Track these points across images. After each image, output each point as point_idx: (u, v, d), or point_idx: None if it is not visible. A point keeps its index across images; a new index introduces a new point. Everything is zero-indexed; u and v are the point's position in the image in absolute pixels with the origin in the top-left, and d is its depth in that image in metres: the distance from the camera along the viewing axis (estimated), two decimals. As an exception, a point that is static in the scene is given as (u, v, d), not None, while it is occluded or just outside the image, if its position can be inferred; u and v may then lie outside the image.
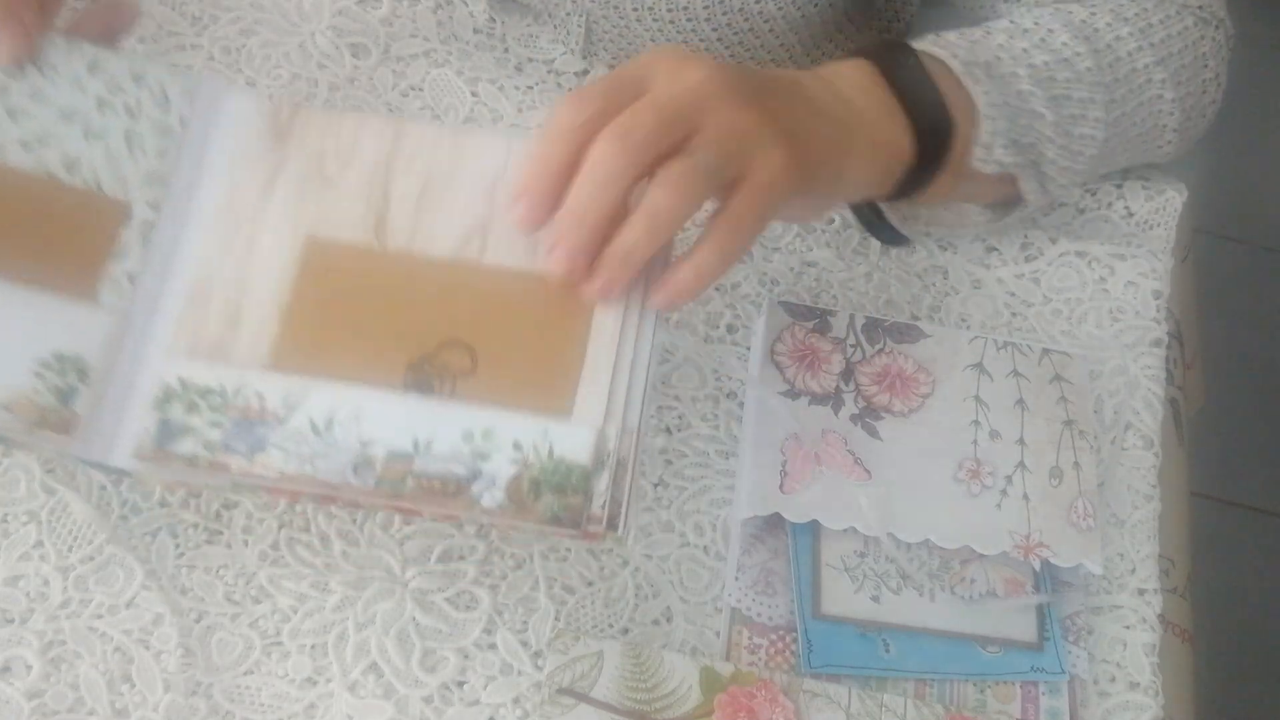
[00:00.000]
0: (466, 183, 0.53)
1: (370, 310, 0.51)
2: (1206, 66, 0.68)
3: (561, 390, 0.49)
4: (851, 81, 0.56)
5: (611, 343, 0.50)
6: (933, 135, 0.58)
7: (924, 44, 0.60)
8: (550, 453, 0.48)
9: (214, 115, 0.54)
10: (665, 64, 0.49)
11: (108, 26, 0.56)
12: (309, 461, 0.48)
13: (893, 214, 0.65)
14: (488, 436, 0.48)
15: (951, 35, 0.62)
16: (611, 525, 0.48)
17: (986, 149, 0.60)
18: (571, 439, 0.48)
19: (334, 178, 0.53)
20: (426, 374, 0.49)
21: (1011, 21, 0.64)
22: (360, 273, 0.51)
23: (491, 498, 0.47)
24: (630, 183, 0.48)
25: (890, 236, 0.66)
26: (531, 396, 0.49)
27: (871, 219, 0.66)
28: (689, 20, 0.69)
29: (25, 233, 0.51)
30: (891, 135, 0.57)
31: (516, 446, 0.48)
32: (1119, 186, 0.73)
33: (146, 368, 0.50)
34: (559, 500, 0.47)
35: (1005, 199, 0.66)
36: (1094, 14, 0.65)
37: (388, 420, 0.49)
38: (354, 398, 0.49)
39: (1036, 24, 0.63)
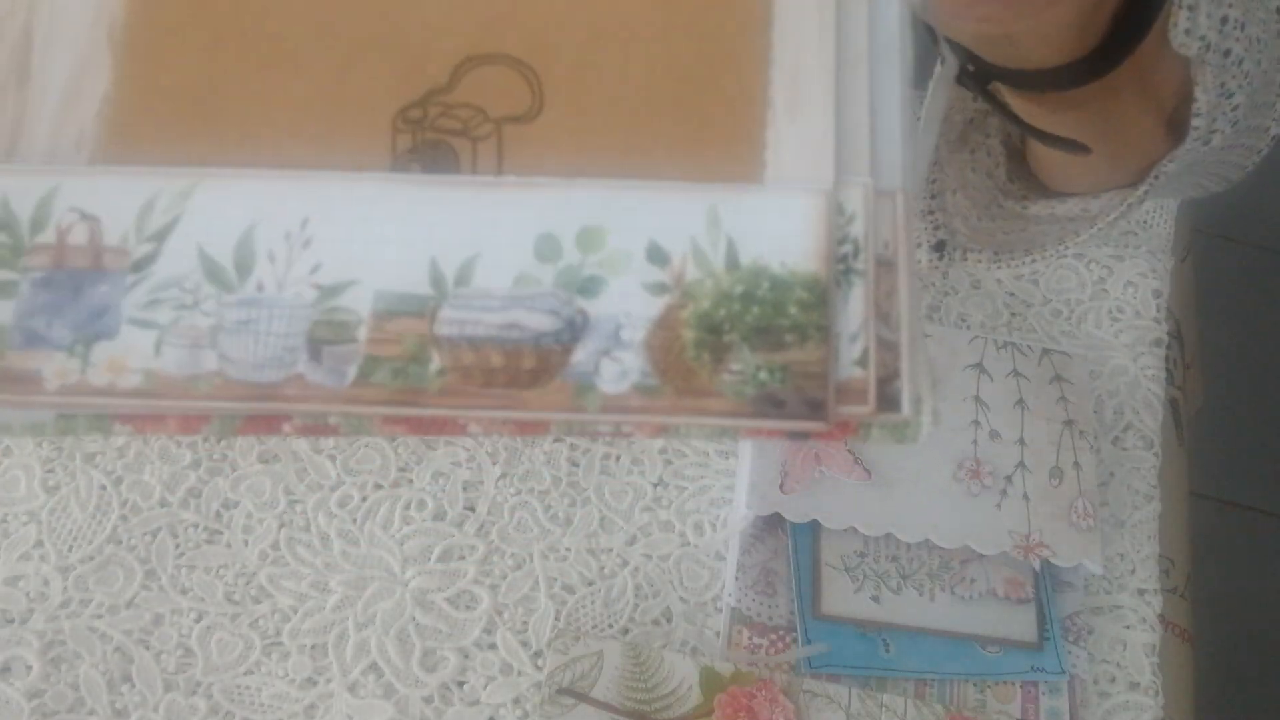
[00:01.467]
0: None
1: (291, 24, 0.26)
2: None
3: (733, 126, 0.25)
4: None
5: (822, 28, 0.26)
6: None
7: None
8: (731, 256, 0.24)
9: None
10: None
11: None
12: (210, 343, 0.24)
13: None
14: (591, 242, 0.25)
15: None
16: (889, 400, 0.24)
17: (1193, 12, 0.45)
18: (773, 223, 0.25)
19: None
20: (439, 131, 0.26)
21: None
22: None
23: (617, 371, 0.24)
24: None
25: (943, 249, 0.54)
26: (669, 148, 0.25)
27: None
28: None
29: None
30: None
31: (657, 253, 0.25)
32: (1119, 186, 0.73)
33: None
34: (773, 356, 0.24)
35: (1135, 162, 0.53)
36: None
37: (369, 235, 0.25)
38: (292, 196, 0.25)
39: None
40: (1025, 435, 0.62)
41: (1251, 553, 1.59)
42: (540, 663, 0.56)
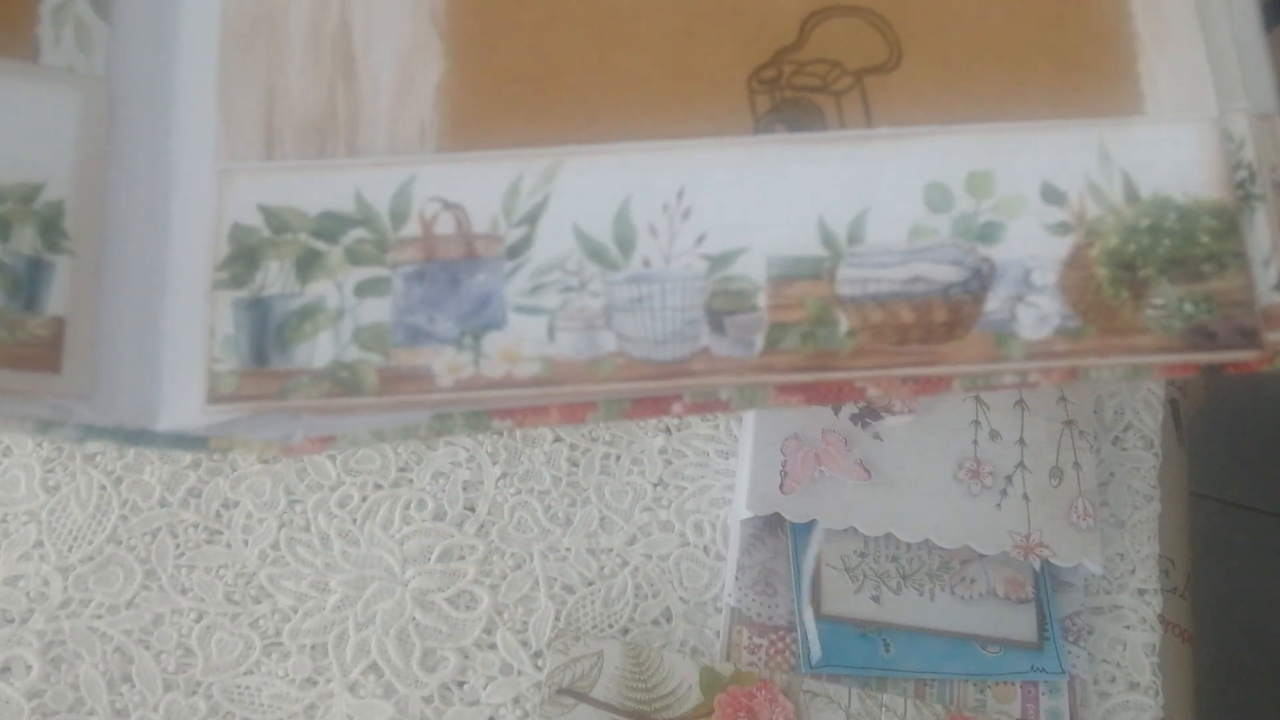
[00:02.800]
0: None
1: None
2: None
3: (1105, 61, 0.24)
4: None
5: None
6: None
7: None
8: (1130, 190, 0.23)
9: None
10: None
11: None
12: (604, 324, 0.23)
13: None
14: (982, 187, 0.24)
15: None
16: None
17: None
18: (1167, 154, 0.24)
19: None
20: (797, 89, 0.25)
21: None
22: None
23: (1036, 316, 0.23)
24: None
25: None
26: (1041, 87, 0.24)
27: None
28: None
29: None
30: None
31: (1051, 193, 0.24)
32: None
33: (185, 194, 0.23)
34: (1196, 289, 0.23)
35: None
36: None
37: (748, 199, 0.24)
38: (661, 167, 0.24)
39: None
40: (1025, 435, 0.62)
41: (1251, 553, 1.59)
42: (540, 663, 0.56)
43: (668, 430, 0.62)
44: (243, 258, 0.22)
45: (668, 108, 0.24)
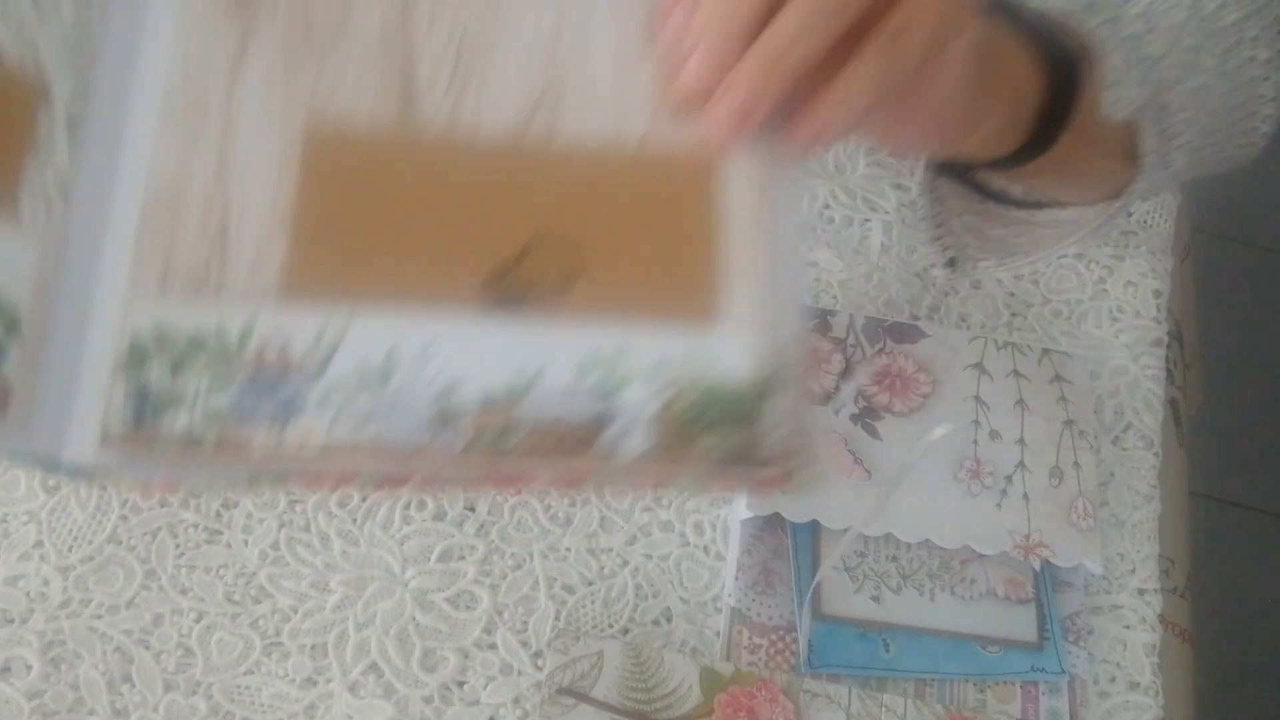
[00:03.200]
0: (514, 39, 0.41)
1: (415, 210, 0.38)
2: None
3: (700, 290, 0.38)
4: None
5: (752, 219, 0.38)
6: (1061, 74, 0.51)
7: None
8: (702, 373, 0.37)
9: None
10: None
11: None
12: (366, 423, 0.35)
13: (983, 222, 0.59)
14: (616, 361, 0.36)
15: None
16: (792, 468, 0.36)
17: (1116, 88, 0.51)
18: (727, 353, 0.37)
19: (328, 44, 0.40)
20: (514, 285, 0.37)
21: None
22: (389, 164, 0.39)
23: (633, 442, 0.35)
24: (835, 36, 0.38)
25: (954, 256, 0.60)
26: (663, 302, 0.37)
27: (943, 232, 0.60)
28: None
29: None
30: (1022, 70, 0.50)
31: (657, 370, 0.36)
32: (1119, 186, 0.73)
33: (102, 312, 0.36)
34: (726, 436, 0.36)
35: (1109, 189, 0.58)
36: None
37: (471, 354, 0.36)
38: (418, 327, 0.36)
39: None
40: (1025, 435, 0.62)
41: (1251, 553, 1.59)
42: (540, 663, 0.56)
43: (668, 430, 0.62)
44: (136, 356, 0.36)
45: (431, 284, 0.37)
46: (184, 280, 0.37)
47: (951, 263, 0.61)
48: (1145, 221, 0.73)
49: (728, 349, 0.37)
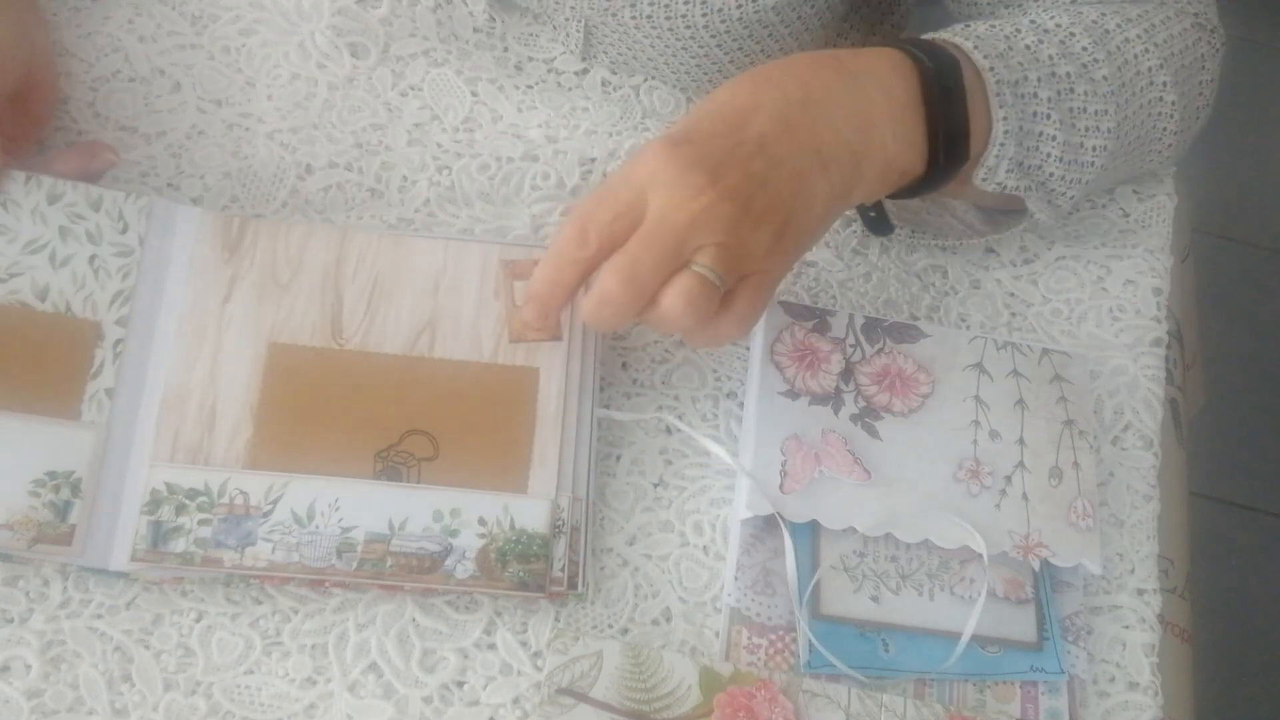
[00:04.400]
0: (411, 283, 0.60)
1: (336, 406, 0.57)
2: (1204, 69, 0.68)
3: (516, 469, 0.57)
4: (882, 84, 0.57)
5: (555, 425, 0.58)
6: (946, 157, 0.58)
7: (967, 45, 0.59)
8: (512, 525, 0.56)
9: (168, 233, 0.59)
10: (662, 179, 0.52)
11: (84, 168, 0.60)
12: (295, 550, 0.54)
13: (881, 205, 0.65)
14: (455, 515, 0.56)
15: (983, 30, 0.61)
16: (571, 585, 0.56)
17: (991, 171, 0.60)
18: (529, 512, 0.56)
19: (288, 284, 0.59)
20: (394, 462, 0.56)
21: (1033, 21, 0.63)
22: (322, 372, 0.58)
23: (464, 569, 0.55)
24: (635, 311, 0.53)
25: (877, 224, 0.66)
26: (490, 476, 0.57)
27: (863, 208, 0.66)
28: (687, 28, 0.68)
29: (6, 362, 0.55)
30: (907, 161, 0.57)
31: (481, 522, 0.56)
32: (1110, 193, 0.73)
33: (133, 476, 0.55)
34: (523, 567, 0.55)
35: (1011, 206, 0.66)
36: (1104, 15, 0.65)
37: (363, 506, 0.55)
38: (331, 488, 0.55)
39: (1058, 25, 0.63)
40: (1025, 435, 0.62)
41: (1251, 553, 1.59)
42: (540, 663, 0.56)
43: (668, 430, 0.62)
44: (153, 503, 0.55)
45: (341, 458, 0.57)
46: (185, 452, 0.56)
47: (873, 223, 0.66)
48: (1144, 221, 0.73)
49: (530, 510, 0.56)
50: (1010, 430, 0.62)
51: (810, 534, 0.59)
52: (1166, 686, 0.60)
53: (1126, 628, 0.60)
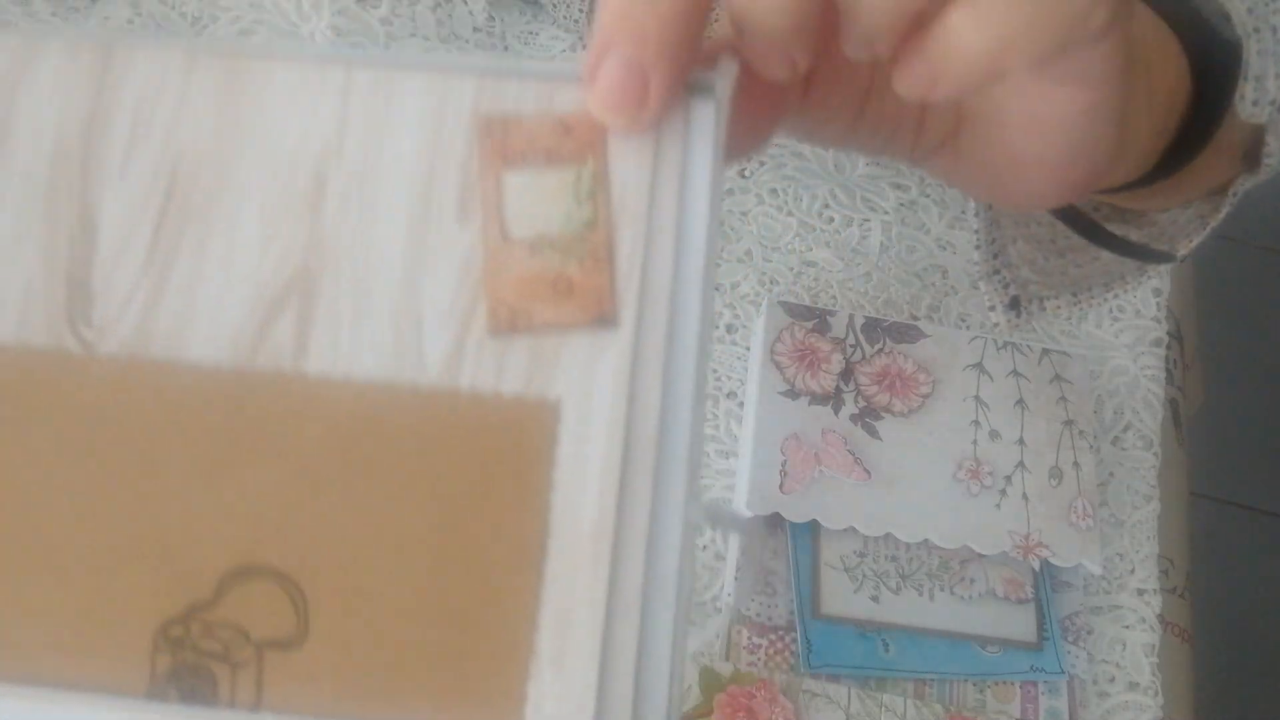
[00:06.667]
0: (259, 183, 0.26)
1: (70, 504, 0.24)
2: None
3: (496, 679, 0.24)
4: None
5: (601, 547, 0.25)
6: (1211, 72, 0.42)
7: None
8: None
9: None
10: None
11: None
12: None
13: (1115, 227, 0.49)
14: None
15: None
16: None
17: (1258, 81, 0.42)
18: None
19: None
20: (199, 652, 0.24)
21: None
22: (43, 413, 0.24)
23: None
24: None
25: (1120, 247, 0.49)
26: (429, 696, 0.24)
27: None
28: None
29: None
30: (1174, 69, 0.42)
31: None
32: (1119, 186, 0.73)
33: None
34: None
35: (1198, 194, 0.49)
36: None
37: None
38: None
39: None
40: (1025, 435, 0.62)
41: (1251, 553, 1.59)
42: (540, 663, 0.56)
43: (667, 430, 0.62)
44: None
45: (73, 652, 0.23)
46: None
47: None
48: (1145, 221, 0.73)
49: None
50: (1010, 430, 0.62)
51: (810, 534, 0.59)
52: (1166, 686, 0.60)
53: (1126, 628, 0.60)
